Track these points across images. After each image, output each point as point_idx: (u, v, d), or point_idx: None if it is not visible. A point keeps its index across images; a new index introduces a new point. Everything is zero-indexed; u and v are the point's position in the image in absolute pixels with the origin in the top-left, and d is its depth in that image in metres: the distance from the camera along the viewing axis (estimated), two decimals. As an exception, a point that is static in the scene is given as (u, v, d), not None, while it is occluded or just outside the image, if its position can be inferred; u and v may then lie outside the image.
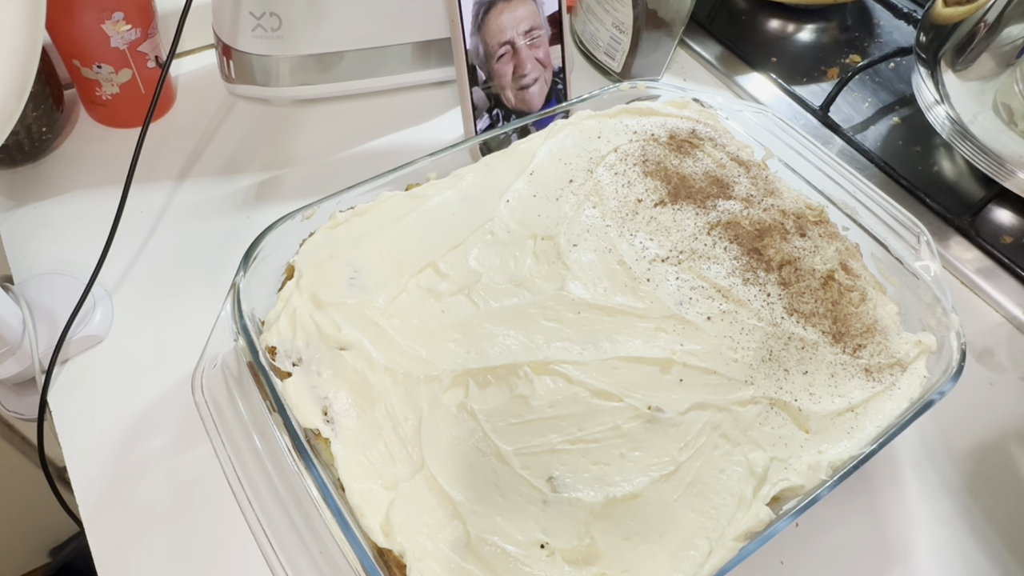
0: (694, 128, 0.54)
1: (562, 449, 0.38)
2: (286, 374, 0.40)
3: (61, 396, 0.47)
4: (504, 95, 0.58)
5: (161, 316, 0.52)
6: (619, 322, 0.43)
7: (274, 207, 0.59)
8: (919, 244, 0.49)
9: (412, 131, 0.66)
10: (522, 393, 0.40)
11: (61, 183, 0.58)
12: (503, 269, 0.45)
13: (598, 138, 0.53)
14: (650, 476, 0.38)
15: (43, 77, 0.56)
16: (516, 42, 0.57)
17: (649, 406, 0.40)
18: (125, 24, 0.55)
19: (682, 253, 0.47)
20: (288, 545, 0.36)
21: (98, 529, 0.43)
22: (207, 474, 0.44)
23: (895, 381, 0.43)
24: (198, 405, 0.39)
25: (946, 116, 0.64)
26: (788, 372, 0.42)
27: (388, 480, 0.37)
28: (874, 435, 0.41)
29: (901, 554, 0.46)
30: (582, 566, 0.35)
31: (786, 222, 0.49)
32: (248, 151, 0.62)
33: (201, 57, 0.69)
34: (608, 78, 0.73)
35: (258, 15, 0.56)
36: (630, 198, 0.49)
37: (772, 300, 0.45)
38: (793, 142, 0.54)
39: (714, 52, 0.76)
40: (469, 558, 0.35)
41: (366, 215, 0.47)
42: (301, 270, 0.44)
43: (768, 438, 0.40)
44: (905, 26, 0.79)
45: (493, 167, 0.50)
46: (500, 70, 0.57)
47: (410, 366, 0.40)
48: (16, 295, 0.48)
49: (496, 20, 0.56)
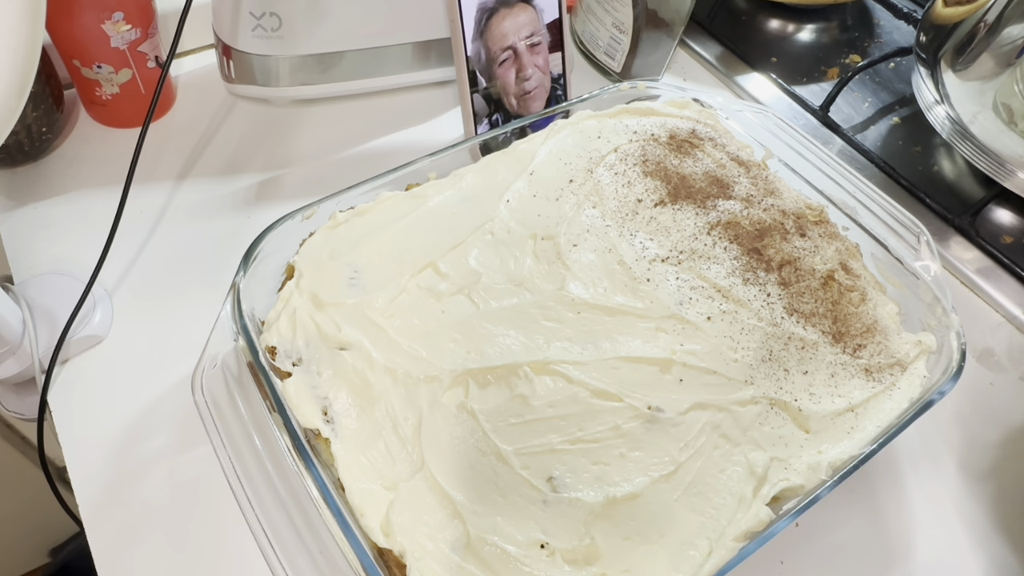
0: (694, 128, 0.54)
1: (562, 449, 0.38)
2: (286, 374, 0.40)
3: (61, 396, 0.47)
4: (507, 100, 0.59)
5: (161, 316, 0.52)
6: (619, 322, 0.43)
7: (274, 207, 0.59)
8: (919, 244, 0.49)
9: (412, 131, 0.66)
10: (522, 393, 0.40)
11: (61, 183, 0.58)
12: (503, 269, 0.45)
13: (598, 138, 0.53)
14: (650, 476, 0.38)
15: (43, 77, 0.56)
16: (518, 47, 0.57)
17: (649, 406, 0.40)
18: (125, 24, 0.55)
19: (682, 253, 0.47)
20: (288, 545, 0.36)
21: (98, 529, 0.43)
22: (207, 474, 0.44)
23: (895, 381, 0.43)
24: (198, 405, 0.39)
25: (946, 116, 0.64)
26: (788, 372, 0.42)
27: (388, 480, 0.37)
28: (874, 435, 0.41)
29: (901, 554, 0.46)
30: (582, 566, 0.35)
31: (786, 222, 0.49)
32: (248, 151, 0.62)
33: (201, 57, 0.69)
34: (608, 78, 0.73)
35: (258, 15, 0.56)
36: (630, 198, 0.49)
37: (772, 300, 0.45)
38: (793, 142, 0.54)
39: (714, 52, 0.76)
40: (469, 558, 0.35)
41: (366, 215, 0.47)
42: (301, 270, 0.44)
43: (768, 438, 0.40)
44: (905, 26, 0.79)
45: (493, 167, 0.50)
46: (503, 75, 0.58)
47: (410, 366, 0.40)
48: (16, 295, 0.48)
49: (499, 26, 0.56)
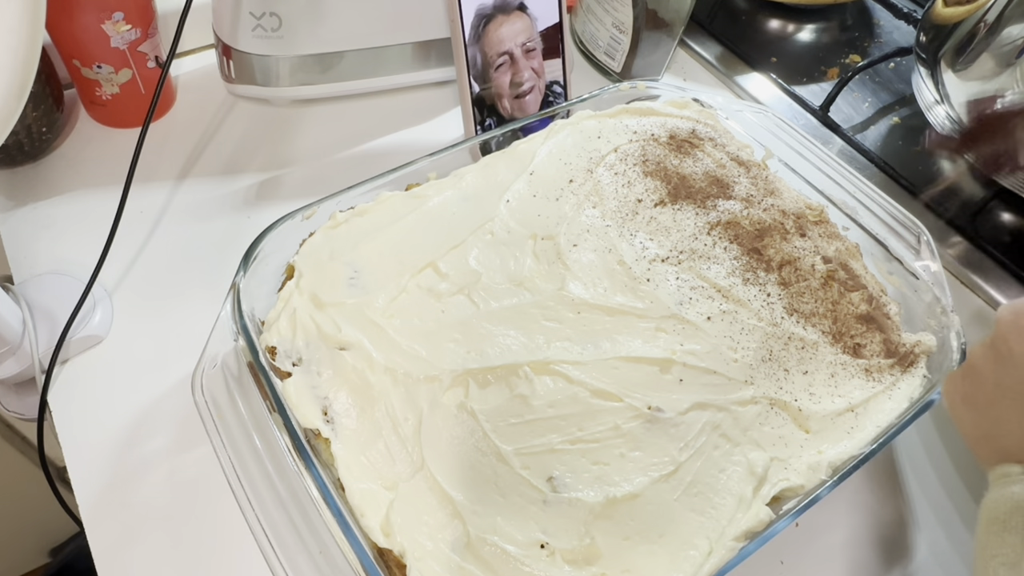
0: (694, 128, 0.54)
1: (562, 449, 0.38)
2: (286, 374, 0.40)
3: (61, 396, 0.47)
4: (501, 104, 0.59)
5: (161, 316, 0.52)
6: (619, 322, 0.43)
7: (274, 207, 0.59)
8: (919, 244, 0.49)
9: (412, 131, 0.66)
10: (522, 393, 0.40)
11: (61, 183, 0.58)
12: (503, 269, 0.45)
13: (598, 138, 0.53)
14: (650, 476, 0.38)
15: (43, 77, 0.56)
16: (514, 52, 0.58)
17: (649, 406, 0.40)
18: (125, 24, 0.55)
19: (682, 253, 0.47)
20: (288, 545, 0.36)
21: (98, 529, 0.43)
22: (207, 474, 0.44)
23: (895, 381, 0.43)
24: (198, 405, 0.39)
25: (946, 116, 0.64)
26: (788, 372, 0.42)
27: (388, 480, 0.37)
28: (874, 435, 0.41)
29: (901, 554, 0.46)
30: (582, 566, 0.35)
31: (786, 222, 0.49)
32: (248, 151, 0.62)
33: (201, 57, 0.69)
34: (608, 78, 0.72)
35: (258, 15, 0.56)
36: (630, 198, 0.49)
37: (772, 300, 0.45)
38: (793, 142, 0.54)
39: (714, 52, 0.76)
40: (469, 558, 0.35)
41: (366, 215, 0.47)
42: (301, 270, 0.44)
43: (768, 438, 0.40)
44: (905, 26, 0.79)
45: (493, 167, 0.50)
46: (498, 79, 0.59)
47: (410, 366, 0.40)
48: (16, 295, 0.48)
49: (496, 32, 0.57)
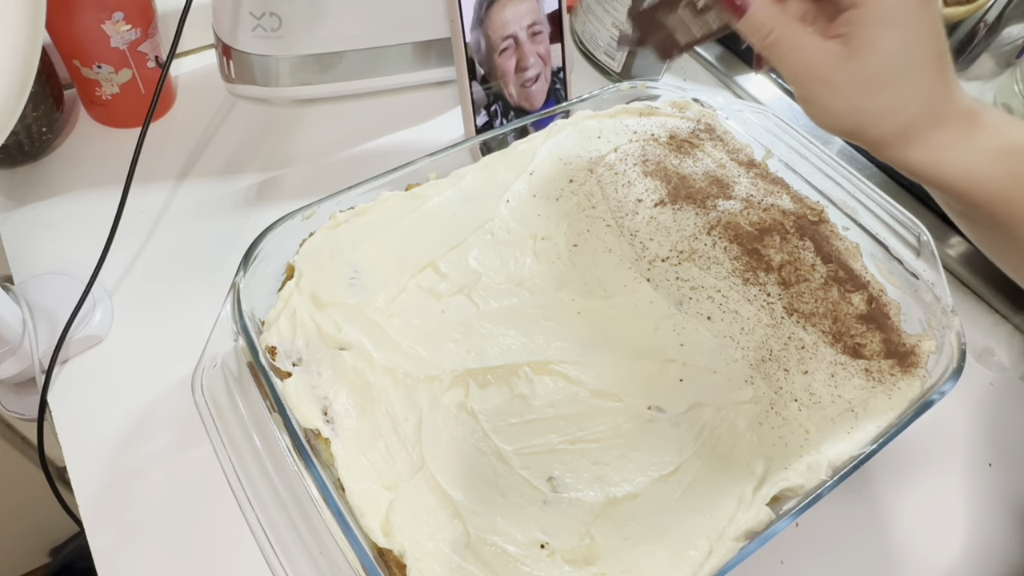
0: (694, 128, 0.54)
1: (562, 449, 0.38)
2: (286, 374, 0.40)
3: (61, 396, 0.47)
4: (507, 91, 0.58)
5: (161, 316, 0.52)
6: (619, 322, 0.43)
7: (274, 207, 0.59)
8: (919, 244, 0.48)
9: (412, 131, 0.66)
10: (522, 393, 0.40)
11: (61, 183, 0.58)
12: (503, 269, 0.45)
13: (598, 138, 0.53)
14: (650, 476, 0.38)
15: (43, 77, 0.56)
16: (519, 36, 0.57)
17: (649, 406, 0.40)
18: (125, 24, 0.55)
19: (682, 253, 0.47)
20: (288, 545, 0.36)
21: (98, 529, 0.43)
22: (207, 474, 0.44)
23: (895, 381, 0.43)
24: (198, 405, 0.39)
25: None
26: (788, 372, 0.42)
27: (388, 480, 0.37)
28: (874, 435, 0.41)
29: (901, 554, 0.46)
30: (582, 566, 0.35)
31: (786, 222, 0.49)
32: (248, 151, 0.62)
33: (201, 57, 0.69)
34: (608, 78, 0.72)
35: (258, 15, 0.56)
36: (630, 198, 0.49)
37: (772, 300, 0.45)
38: (793, 142, 0.54)
39: (714, 52, 0.76)
40: (469, 558, 0.35)
41: (366, 215, 0.47)
42: (301, 270, 0.44)
43: (768, 438, 0.40)
44: (905, 26, 0.79)
45: (493, 167, 0.50)
46: (503, 64, 0.57)
47: (410, 366, 0.40)
48: (16, 295, 0.48)
49: (500, 14, 0.56)
